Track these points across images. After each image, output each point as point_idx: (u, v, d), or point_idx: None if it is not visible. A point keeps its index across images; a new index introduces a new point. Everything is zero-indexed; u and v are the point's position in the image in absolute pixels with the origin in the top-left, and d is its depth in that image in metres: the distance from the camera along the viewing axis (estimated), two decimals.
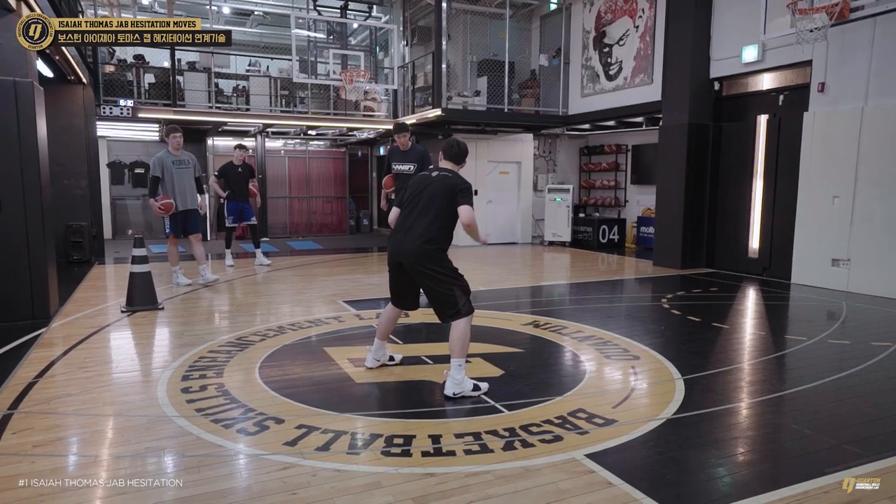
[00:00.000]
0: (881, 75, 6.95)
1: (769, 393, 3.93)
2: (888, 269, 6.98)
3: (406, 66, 13.16)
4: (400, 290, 4.04)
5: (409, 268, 3.81)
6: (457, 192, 3.75)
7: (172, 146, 7.24)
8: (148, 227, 13.96)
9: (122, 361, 4.53)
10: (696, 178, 9.27)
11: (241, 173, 9.23)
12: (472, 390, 3.73)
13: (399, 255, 3.83)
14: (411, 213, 3.85)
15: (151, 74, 11.68)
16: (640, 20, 10.50)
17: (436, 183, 3.83)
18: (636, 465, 2.89)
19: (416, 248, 3.74)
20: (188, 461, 2.85)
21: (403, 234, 3.83)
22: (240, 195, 9.25)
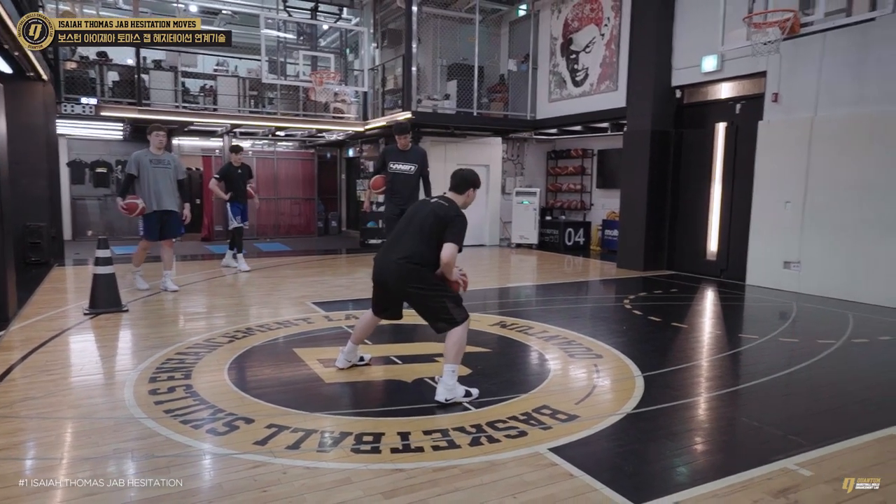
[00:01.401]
0: (829, 87, 7.30)
1: (723, 388, 4.13)
2: (835, 271, 7.33)
3: (376, 68, 13.21)
4: (383, 304, 4.06)
5: (395, 289, 3.83)
6: (447, 224, 3.70)
7: (154, 145, 7.04)
8: (109, 227, 13.66)
9: (86, 364, 4.49)
10: (658, 183, 9.55)
11: (241, 174, 9.07)
12: (464, 396, 3.74)
13: (383, 275, 3.85)
14: (401, 236, 3.84)
15: (115, 72, 11.47)
16: (606, 28, 10.77)
17: (430, 209, 3.81)
18: (597, 458, 3.03)
19: (397, 268, 3.73)
20: (158, 461, 2.87)
21: (388, 253, 3.84)
22: (240, 196, 9.09)
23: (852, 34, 6.81)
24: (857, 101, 7.05)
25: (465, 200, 3.92)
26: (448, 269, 3.76)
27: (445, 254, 3.67)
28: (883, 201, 6.85)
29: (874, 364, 4.78)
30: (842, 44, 7.04)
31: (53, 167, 9.81)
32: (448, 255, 3.66)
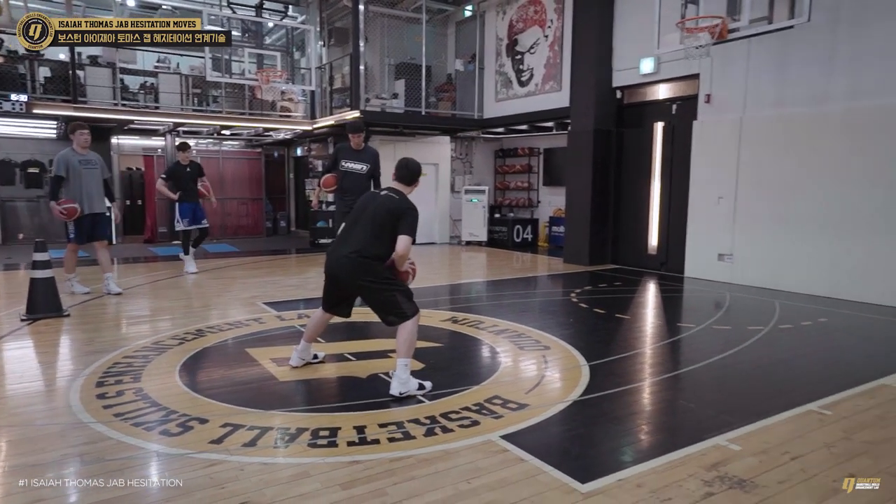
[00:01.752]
0: (755, 89, 7.77)
1: (662, 374, 4.38)
2: (764, 262, 7.82)
3: (323, 67, 13.12)
4: (334, 300, 4.10)
5: (347, 281, 3.89)
6: (400, 217, 3.77)
7: (79, 144, 6.74)
8: (41, 230, 13.04)
9: (26, 371, 4.35)
10: (601, 181, 9.90)
11: (190, 173, 8.67)
12: (417, 389, 3.82)
13: (335, 269, 3.92)
14: (352, 229, 3.90)
15: (47, 68, 10.98)
16: (550, 30, 11.06)
17: (381, 202, 3.87)
18: (546, 443, 3.18)
19: (349, 262, 3.80)
20: (110, 464, 2.85)
21: (339, 248, 3.90)
22: (191, 196, 8.70)
23: (774, 40, 7.28)
24: (779, 102, 7.54)
25: (412, 190, 4.04)
26: (402, 261, 3.86)
27: (401, 246, 3.76)
28: (803, 197, 7.35)
29: (796, 347, 5.16)
30: (765, 49, 7.51)
31: None
32: (403, 248, 3.76)
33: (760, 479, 2.76)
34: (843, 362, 4.76)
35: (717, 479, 2.76)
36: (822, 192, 7.17)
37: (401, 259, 3.83)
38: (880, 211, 6.67)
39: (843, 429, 3.35)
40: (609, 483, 2.72)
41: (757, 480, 2.74)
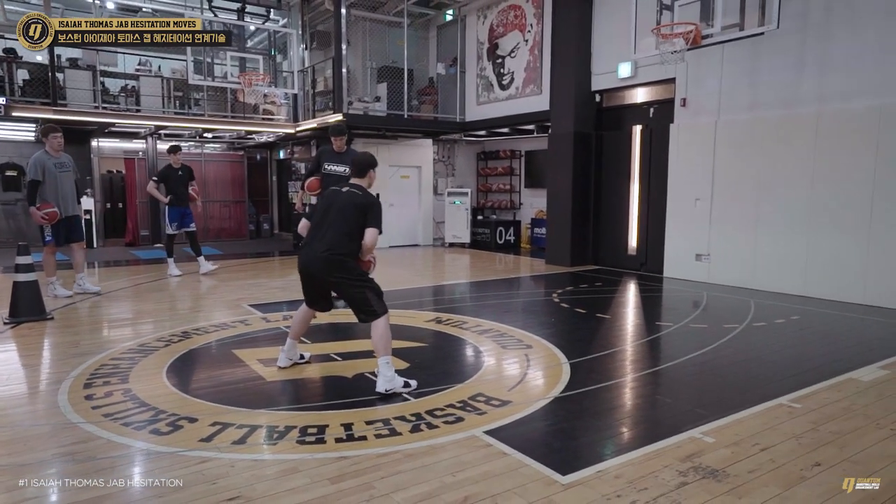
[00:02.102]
0: (729, 93, 8.00)
1: (640, 371, 4.52)
2: (740, 262, 8.04)
3: (306, 70, 13.15)
4: (312, 295, 4.22)
5: (320, 278, 4.01)
6: (367, 211, 3.94)
7: (52, 147, 6.73)
8: (19, 233, 12.88)
9: (12, 373, 4.36)
10: (581, 183, 10.08)
11: (181, 176, 8.64)
12: (403, 387, 3.93)
13: (308, 266, 4.02)
14: (320, 226, 4.01)
15: (26, 70, 10.87)
16: (530, 34, 11.23)
17: (345, 198, 4.01)
18: (528, 437, 3.29)
19: (322, 259, 3.91)
20: (101, 462, 2.90)
21: (311, 245, 4.01)
22: (181, 200, 8.66)
23: (746, 46, 7.51)
24: (752, 106, 7.77)
25: (370, 182, 4.20)
26: (368, 252, 4.05)
27: (369, 238, 3.95)
28: (776, 198, 7.58)
29: (769, 344, 5.34)
30: (738, 54, 7.74)
31: None
32: (371, 240, 3.96)
33: (732, 468, 2.90)
34: (814, 358, 4.94)
35: (692, 469, 2.89)
36: (794, 193, 7.40)
37: (368, 250, 4.02)
38: (848, 210, 6.92)
39: (810, 420, 3.51)
40: (588, 475, 2.83)
41: (729, 470, 2.88)
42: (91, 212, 12.59)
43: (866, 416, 3.57)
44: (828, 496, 2.66)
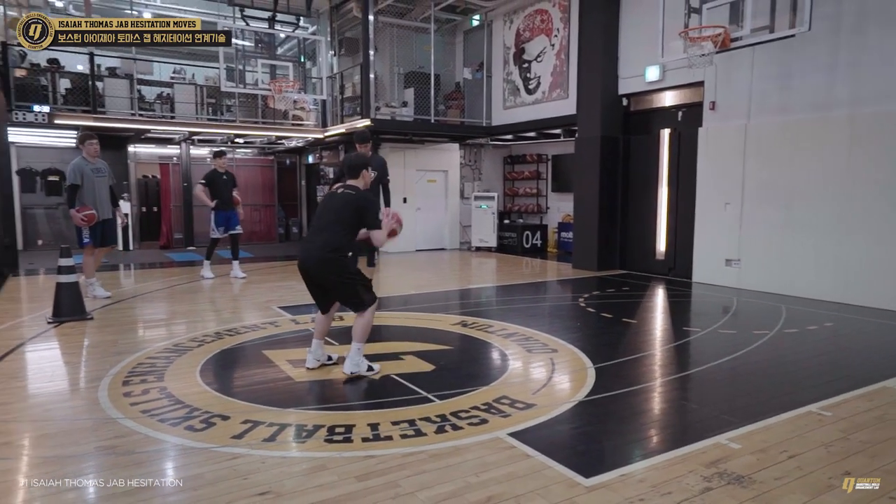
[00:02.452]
0: (760, 96, 7.89)
1: (666, 376, 4.50)
2: (771, 267, 7.90)
3: (334, 76, 13.36)
4: (315, 295, 4.45)
5: (318, 276, 4.26)
6: (363, 213, 4.21)
7: (89, 153, 7.02)
8: (60, 236, 13.34)
9: (56, 370, 4.55)
10: (608, 187, 10.03)
11: (226, 181, 8.86)
12: (367, 370, 4.31)
13: (306, 264, 4.27)
14: (317, 227, 4.28)
15: (67, 80, 11.28)
16: (556, 39, 11.23)
17: (339, 199, 4.26)
18: (551, 440, 3.32)
19: (317, 258, 4.20)
20: (139, 456, 3.03)
21: (308, 245, 4.29)
22: (227, 204, 8.87)
23: (777, 49, 7.40)
24: (783, 109, 7.64)
25: (364, 182, 4.43)
26: (381, 244, 4.39)
27: (377, 239, 4.30)
28: (809, 202, 7.44)
29: (800, 351, 5.25)
30: (769, 57, 7.63)
31: (5, 176, 9.63)
32: (379, 240, 4.30)
33: (758, 475, 2.88)
34: (846, 365, 4.85)
35: (716, 475, 2.88)
36: (828, 198, 7.26)
37: (381, 244, 4.39)
38: (885, 215, 6.76)
39: (841, 429, 3.46)
40: (612, 478, 2.85)
41: (755, 477, 2.86)
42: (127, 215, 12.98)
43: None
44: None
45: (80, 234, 7.02)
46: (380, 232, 4.26)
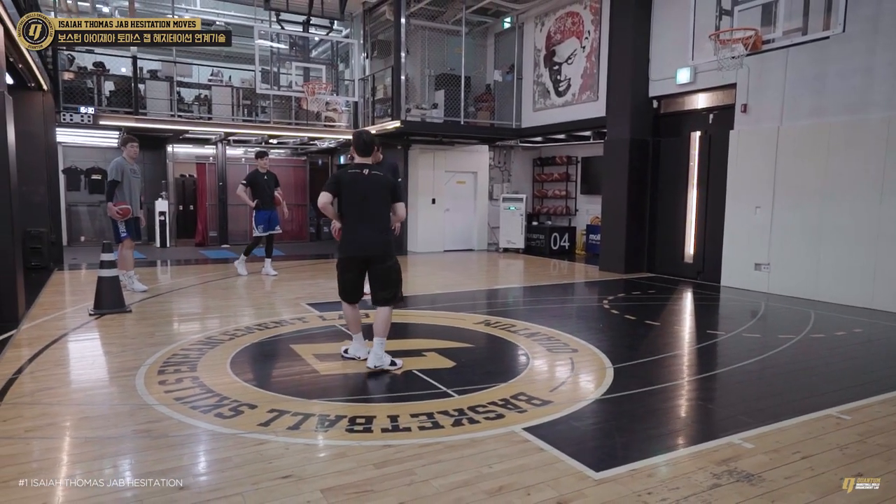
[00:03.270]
0: (793, 99, 7.78)
1: (684, 377, 4.52)
2: (801, 272, 7.78)
3: (366, 78, 13.59)
4: (356, 285, 4.58)
5: (376, 259, 4.42)
6: (394, 189, 4.47)
7: (129, 154, 7.43)
8: (100, 233, 13.89)
9: (96, 359, 4.81)
10: (637, 189, 9.99)
11: (268, 181, 9.10)
12: (389, 364, 4.45)
13: (369, 250, 4.40)
14: (364, 211, 4.37)
15: (112, 82, 11.77)
16: (587, 41, 11.23)
17: (372, 181, 4.38)
18: (565, 435, 3.39)
19: (382, 241, 4.40)
20: (173, 439, 3.21)
21: (364, 231, 4.38)
22: (267, 203, 9.11)
23: (811, 50, 7.29)
24: (817, 112, 7.52)
25: (375, 159, 4.79)
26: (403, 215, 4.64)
27: (402, 213, 4.57)
28: (840, 207, 7.31)
29: (825, 355, 5.19)
30: (802, 59, 7.52)
31: (53, 174, 10.10)
32: (402, 213, 4.57)
33: (768, 474, 2.91)
34: (871, 371, 4.79)
35: (726, 472, 2.92)
36: (862, 202, 7.12)
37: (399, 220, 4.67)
38: None
39: (858, 433, 3.45)
40: (622, 472, 2.92)
41: (764, 475, 2.89)
42: (165, 213, 13.44)
43: None
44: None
45: (116, 229, 7.41)
46: (403, 205, 4.56)
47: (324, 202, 4.30)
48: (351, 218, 4.41)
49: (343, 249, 4.47)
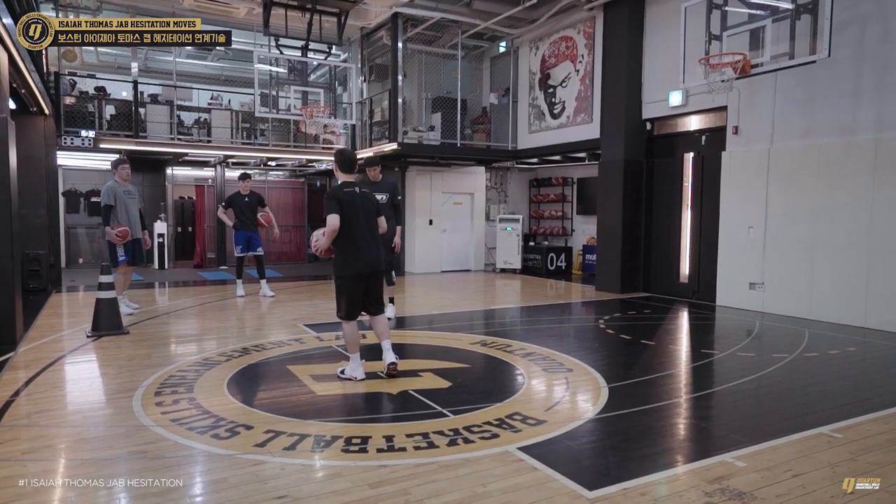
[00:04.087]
0: (783, 121, 7.92)
1: (678, 396, 4.55)
2: (795, 291, 7.84)
3: (364, 101, 13.77)
4: (360, 300, 4.72)
5: (378, 273, 4.72)
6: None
7: (121, 177, 7.50)
8: (99, 254, 13.92)
9: (94, 380, 4.83)
10: (632, 210, 10.09)
11: (248, 202, 9.21)
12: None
13: (376, 264, 4.66)
14: (365, 228, 4.61)
15: (112, 106, 11.92)
16: (581, 65, 11.42)
17: (365, 198, 4.66)
18: (559, 455, 3.41)
19: (384, 257, 4.79)
20: (168, 460, 3.23)
21: (370, 246, 4.63)
22: (247, 224, 9.20)
23: (799, 74, 7.44)
24: (807, 133, 7.66)
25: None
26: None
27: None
28: (832, 226, 7.40)
29: (818, 374, 5.23)
30: (791, 82, 7.68)
31: (53, 197, 10.18)
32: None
33: (759, 492, 2.93)
34: (864, 389, 4.82)
35: (718, 490, 2.94)
36: (853, 222, 7.21)
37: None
38: None
39: (850, 451, 3.47)
40: (614, 491, 2.94)
41: (756, 493, 2.92)
42: (163, 235, 13.50)
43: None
44: None
45: (114, 252, 7.47)
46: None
47: (337, 224, 4.42)
48: (352, 235, 4.54)
49: (349, 267, 4.58)
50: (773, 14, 6.79)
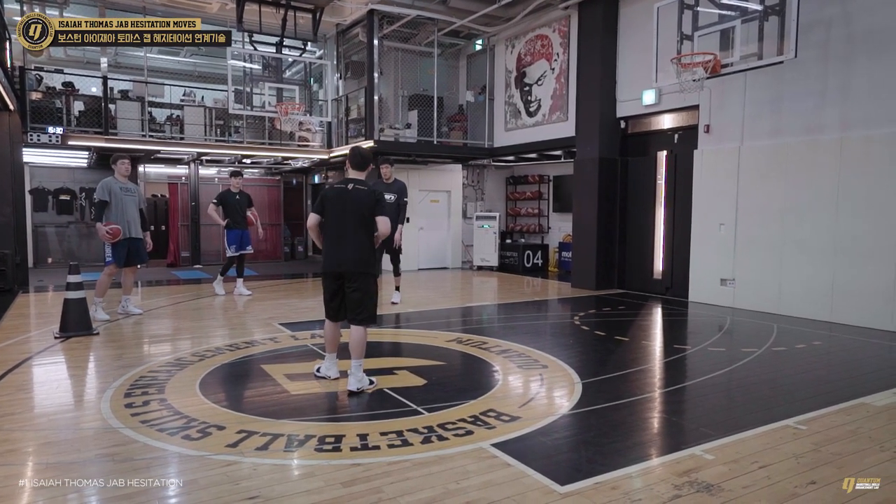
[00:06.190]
0: (752, 119, 8.07)
1: (650, 391, 4.62)
2: (765, 287, 8.01)
3: (340, 98, 13.69)
4: (334, 302, 4.55)
5: (349, 275, 4.40)
6: (374, 204, 4.42)
7: (120, 172, 7.21)
8: (69, 254, 13.63)
9: (61, 382, 4.73)
10: (607, 207, 10.20)
11: (239, 200, 9.07)
12: (368, 385, 4.48)
13: (342, 265, 4.40)
14: (342, 226, 4.39)
15: (81, 102, 11.66)
16: (556, 63, 11.50)
17: (353, 195, 4.41)
18: (532, 450, 3.44)
19: (356, 258, 4.39)
20: (137, 463, 3.18)
21: (340, 245, 4.41)
22: (239, 223, 9.08)
23: (768, 74, 7.60)
24: (775, 132, 7.82)
25: (366, 175, 4.65)
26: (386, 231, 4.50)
27: (384, 227, 4.45)
28: (800, 224, 7.57)
29: (785, 368, 5.36)
30: (760, 82, 7.83)
31: (19, 195, 9.93)
32: (385, 227, 4.46)
33: (727, 484, 3.00)
34: (829, 382, 4.95)
35: (687, 483, 3.00)
36: (820, 219, 7.39)
37: (383, 236, 4.52)
38: (873, 236, 6.87)
39: (814, 442, 3.57)
40: (586, 485, 2.98)
41: (724, 485, 2.98)
42: None
43: (871, 439, 3.61)
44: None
45: (105, 252, 7.24)
46: (386, 219, 4.47)
47: (312, 223, 4.46)
48: (329, 232, 4.46)
49: (323, 263, 4.52)
50: (743, 15, 6.92)
